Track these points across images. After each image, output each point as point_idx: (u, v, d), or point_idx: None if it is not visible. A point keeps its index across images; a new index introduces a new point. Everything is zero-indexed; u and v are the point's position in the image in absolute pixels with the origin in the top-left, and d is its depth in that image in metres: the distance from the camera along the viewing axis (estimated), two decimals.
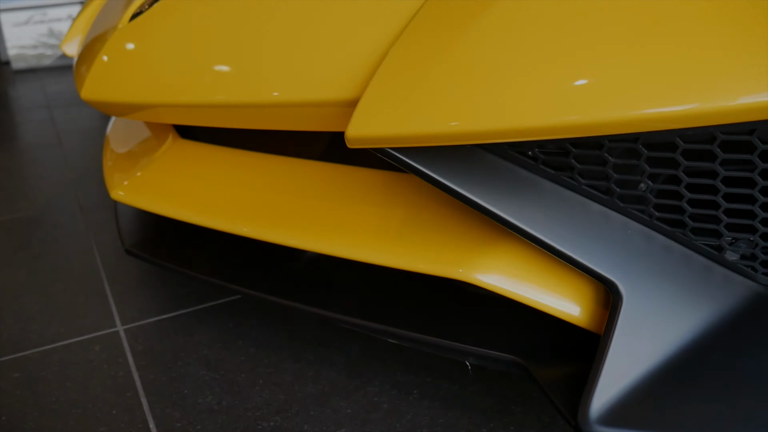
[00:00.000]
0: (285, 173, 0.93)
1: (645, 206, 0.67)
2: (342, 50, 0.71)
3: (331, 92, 0.70)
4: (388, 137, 0.62)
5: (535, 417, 0.86)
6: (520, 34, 0.61)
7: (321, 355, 0.99)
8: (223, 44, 0.82)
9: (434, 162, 0.65)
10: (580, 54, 0.58)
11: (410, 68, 0.64)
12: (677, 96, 0.53)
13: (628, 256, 0.68)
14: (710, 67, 0.53)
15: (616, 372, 0.64)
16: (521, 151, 0.67)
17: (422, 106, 0.61)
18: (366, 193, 0.82)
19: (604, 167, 0.65)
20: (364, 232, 0.77)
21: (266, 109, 0.78)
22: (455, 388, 0.91)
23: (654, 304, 0.67)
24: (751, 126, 0.57)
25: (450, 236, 0.73)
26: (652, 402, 0.64)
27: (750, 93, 0.53)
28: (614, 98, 0.55)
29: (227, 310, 1.12)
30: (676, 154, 0.61)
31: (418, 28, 0.67)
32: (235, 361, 0.99)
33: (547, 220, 0.66)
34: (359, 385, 0.92)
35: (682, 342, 0.66)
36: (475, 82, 0.60)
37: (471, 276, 0.70)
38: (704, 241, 0.68)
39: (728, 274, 0.70)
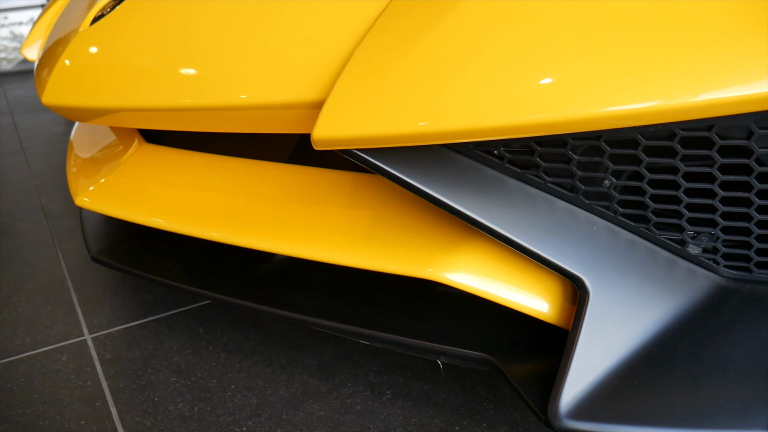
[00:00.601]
0: (252, 176, 0.92)
1: (609, 203, 0.68)
2: (307, 51, 0.71)
3: (296, 94, 0.70)
4: (354, 138, 0.62)
5: (507, 413, 0.86)
6: (483, 34, 0.61)
7: (293, 358, 0.99)
8: (188, 47, 0.81)
9: (401, 162, 0.66)
10: (542, 54, 0.59)
11: (375, 69, 0.64)
12: (637, 94, 0.54)
13: (594, 251, 0.69)
14: (668, 65, 0.54)
15: (584, 366, 0.65)
16: (487, 150, 0.67)
17: (388, 106, 0.61)
18: (334, 194, 0.82)
19: (568, 165, 0.66)
20: (333, 233, 0.77)
21: (232, 112, 0.77)
22: (428, 387, 0.91)
23: (620, 298, 0.68)
24: (709, 122, 0.59)
25: (418, 236, 0.73)
26: (621, 394, 0.65)
27: (707, 90, 0.54)
28: (576, 97, 0.56)
29: (197, 315, 1.10)
30: (638, 150, 0.62)
31: (382, 29, 0.67)
32: (206, 366, 0.98)
33: (513, 218, 0.67)
34: (332, 388, 0.92)
35: (649, 334, 0.68)
36: (439, 83, 0.61)
37: (440, 275, 0.70)
38: (667, 235, 0.69)
39: (691, 268, 0.71)
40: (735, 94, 0.53)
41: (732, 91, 0.53)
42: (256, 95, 0.74)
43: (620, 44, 0.56)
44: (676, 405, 0.63)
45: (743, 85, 0.53)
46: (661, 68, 0.54)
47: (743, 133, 0.59)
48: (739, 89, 0.53)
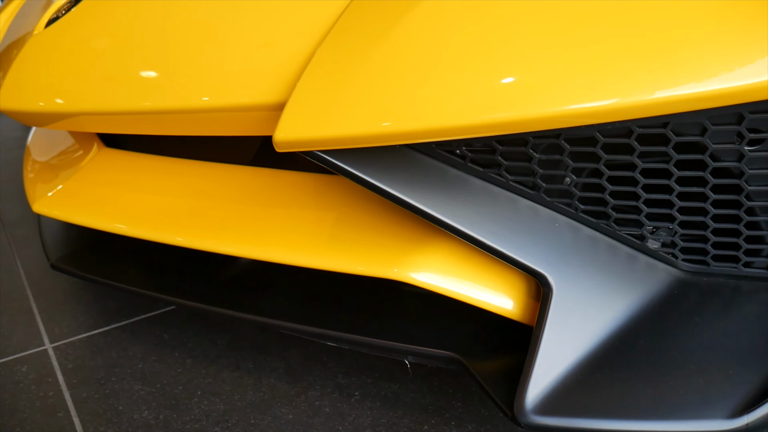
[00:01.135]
0: (215, 180, 0.91)
1: (571, 200, 0.69)
2: (267, 53, 0.70)
3: (257, 96, 0.69)
4: (316, 140, 0.62)
5: (475, 411, 0.87)
6: (444, 35, 0.62)
7: (260, 362, 0.98)
8: (147, 49, 0.80)
9: (364, 163, 0.65)
10: (501, 54, 0.59)
11: (336, 70, 0.64)
12: (593, 92, 0.55)
13: (556, 248, 0.69)
14: (623, 64, 0.55)
15: (549, 362, 0.66)
16: (449, 149, 0.68)
17: (349, 107, 0.61)
18: (298, 196, 0.81)
19: (529, 163, 0.67)
20: (297, 236, 0.77)
21: (192, 114, 0.76)
22: (396, 387, 0.92)
23: (583, 293, 0.69)
24: (664, 119, 0.60)
25: (383, 237, 0.74)
26: (585, 388, 0.65)
27: (662, 88, 0.55)
28: (535, 96, 0.56)
29: (161, 321, 1.09)
30: (597, 148, 0.63)
31: (343, 30, 0.67)
32: (171, 373, 0.96)
33: (477, 216, 0.67)
34: (300, 390, 0.92)
35: (611, 328, 0.69)
36: (400, 83, 0.61)
37: (406, 275, 0.70)
38: (627, 231, 0.71)
39: (651, 262, 0.72)
40: (688, 92, 0.54)
41: (685, 89, 0.54)
42: (216, 98, 0.73)
43: (576, 44, 0.57)
44: (639, 397, 0.64)
45: (696, 82, 0.55)
46: (617, 67, 0.55)
47: (697, 129, 0.61)
48: (692, 87, 0.54)
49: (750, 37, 0.55)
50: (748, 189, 0.64)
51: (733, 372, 0.65)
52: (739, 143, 0.61)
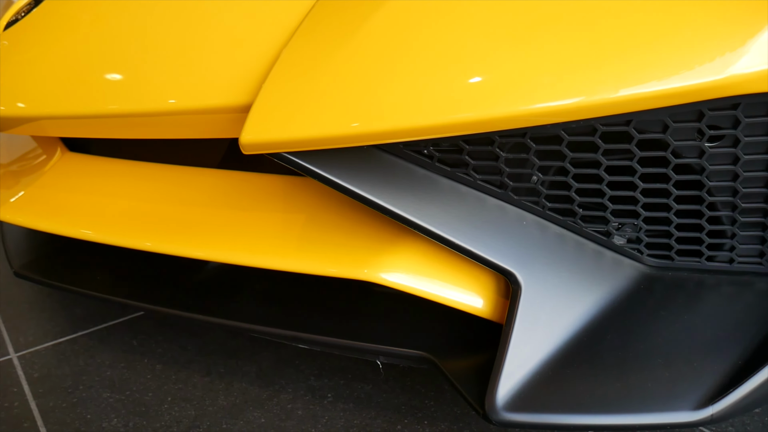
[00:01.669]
0: (182, 183, 0.90)
1: (538, 198, 0.70)
2: (233, 54, 0.70)
3: (223, 98, 0.68)
4: (283, 141, 0.62)
5: (448, 409, 0.87)
6: (410, 35, 0.62)
7: (232, 366, 0.97)
8: (110, 51, 0.78)
9: (332, 164, 0.65)
10: (467, 54, 0.59)
11: (302, 71, 0.64)
12: (557, 91, 0.56)
13: (524, 246, 0.70)
14: (586, 63, 0.56)
15: (519, 359, 0.67)
16: (417, 149, 0.68)
17: (316, 108, 0.61)
18: (267, 199, 0.81)
19: (496, 162, 0.67)
20: (267, 238, 0.76)
21: (158, 118, 0.75)
22: (369, 388, 0.92)
23: (551, 290, 0.70)
24: (627, 117, 0.61)
25: (353, 238, 0.73)
26: (554, 384, 0.66)
27: (624, 86, 0.56)
28: (500, 96, 0.57)
29: (130, 328, 1.07)
30: (562, 146, 0.64)
31: (308, 30, 0.67)
32: (141, 380, 0.95)
33: (445, 216, 0.68)
34: (272, 394, 0.91)
35: (579, 324, 0.70)
36: (367, 84, 0.61)
37: (376, 276, 0.70)
38: (594, 227, 0.72)
39: (617, 258, 0.73)
40: (650, 90, 0.55)
41: (647, 87, 0.55)
42: (182, 100, 0.72)
43: (540, 45, 0.58)
44: (607, 391, 0.65)
45: (657, 81, 0.56)
46: (580, 66, 0.56)
47: (659, 127, 0.62)
48: (653, 85, 0.55)
49: (708, 36, 0.56)
50: (709, 185, 0.65)
51: (698, 364, 0.66)
52: (700, 140, 0.62)
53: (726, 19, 0.56)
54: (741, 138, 0.62)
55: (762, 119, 0.60)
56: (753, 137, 0.62)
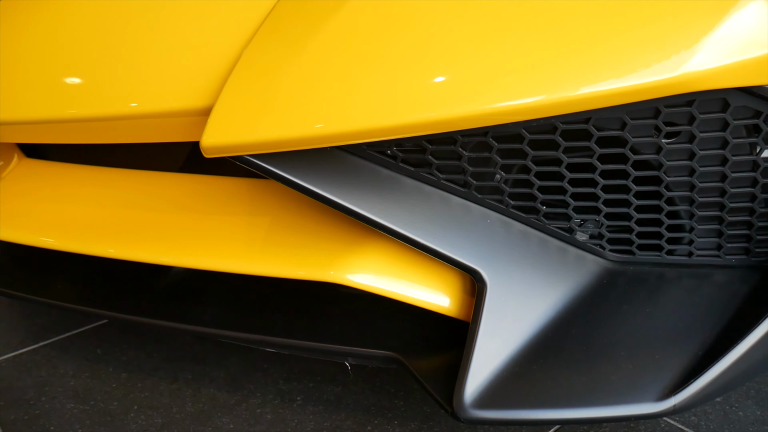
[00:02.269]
0: (144, 188, 0.89)
1: (501, 196, 0.71)
2: (193, 56, 0.69)
3: (183, 101, 0.67)
4: (244, 144, 0.61)
5: (418, 408, 0.87)
6: (371, 36, 0.62)
7: (199, 372, 0.96)
8: (68, 54, 0.77)
9: (295, 166, 0.65)
10: (429, 55, 0.60)
11: (264, 72, 0.63)
12: (516, 91, 0.57)
13: (489, 244, 0.71)
14: (544, 63, 0.57)
15: (486, 356, 0.67)
16: (380, 150, 0.68)
17: (278, 110, 0.61)
18: (230, 202, 0.80)
19: (459, 161, 0.68)
20: (231, 242, 0.76)
21: (116, 122, 0.74)
22: (338, 390, 0.91)
23: (516, 287, 0.70)
24: (586, 115, 0.62)
25: (318, 239, 0.73)
26: (521, 380, 0.67)
27: (582, 85, 0.57)
28: (461, 95, 0.57)
29: (94, 336, 1.05)
30: (524, 145, 0.65)
31: (270, 30, 0.66)
32: (105, 389, 0.93)
33: (410, 215, 0.68)
34: (241, 399, 0.90)
35: (545, 320, 0.70)
36: (329, 85, 0.61)
37: (342, 277, 0.70)
38: (556, 224, 0.73)
39: (580, 254, 0.75)
40: (607, 88, 0.56)
41: (604, 85, 0.56)
42: (141, 104, 0.71)
43: (500, 44, 0.58)
44: (573, 385, 0.66)
45: (614, 79, 0.57)
46: (538, 66, 0.57)
47: (617, 124, 0.63)
48: (611, 83, 0.56)
49: (663, 34, 0.57)
50: (667, 180, 0.67)
51: (660, 356, 0.67)
52: (657, 136, 0.64)
53: (680, 18, 0.58)
54: (696, 134, 0.63)
55: (716, 115, 0.62)
56: (708, 133, 0.63)
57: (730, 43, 0.57)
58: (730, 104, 0.61)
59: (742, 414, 0.85)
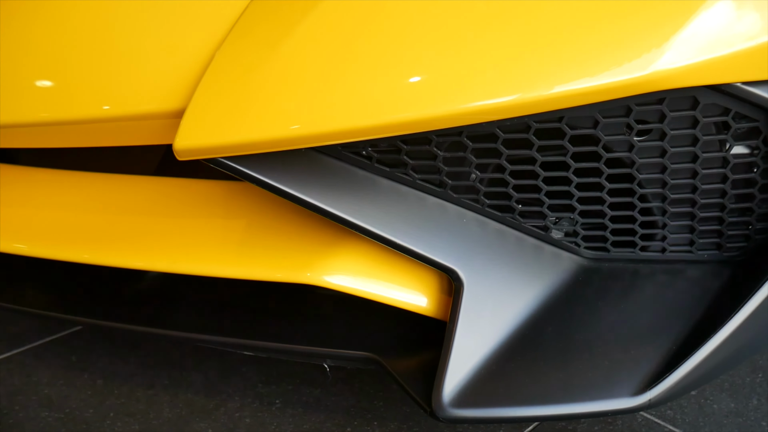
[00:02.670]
0: (118, 192, 0.88)
1: (477, 195, 0.71)
2: (165, 57, 0.68)
3: (155, 103, 0.67)
4: (218, 146, 0.61)
5: (397, 409, 0.88)
6: (345, 36, 0.62)
7: (176, 377, 0.95)
8: (36, 56, 0.76)
9: (269, 168, 0.65)
10: (404, 55, 0.60)
11: (237, 73, 0.63)
12: (490, 90, 0.57)
13: (465, 243, 0.71)
14: (517, 62, 0.57)
15: (463, 355, 0.67)
16: (355, 151, 0.68)
17: (251, 111, 0.60)
18: (205, 205, 0.79)
19: (435, 161, 0.68)
20: (207, 245, 0.75)
21: (88, 125, 0.73)
22: (317, 392, 0.91)
23: (493, 286, 0.71)
24: (559, 114, 0.62)
25: (295, 241, 0.73)
26: (499, 378, 0.67)
27: (555, 84, 0.57)
28: (434, 95, 0.58)
29: (68, 343, 1.04)
30: (498, 144, 0.65)
31: (243, 31, 0.66)
32: (81, 396, 0.92)
33: (386, 216, 0.68)
34: (219, 403, 0.90)
35: (521, 318, 0.71)
36: (303, 86, 0.60)
37: (319, 279, 0.70)
38: (532, 223, 0.73)
39: (556, 251, 0.75)
40: (579, 87, 0.57)
41: (576, 84, 0.57)
42: (114, 107, 0.70)
43: (473, 44, 0.59)
44: (550, 382, 0.67)
45: (586, 78, 0.57)
46: (511, 65, 0.57)
47: (590, 122, 0.64)
48: (583, 82, 0.57)
49: (633, 34, 0.58)
50: (639, 177, 0.67)
51: (636, 351, 0.68)
52: (629, 134, 0.64)
53: (649, 17, 0.58)
54: (667, 131, 0.64)
55: (686, 113, 0.63)
56: (678, 130, 0.64)
57: (699, 41, 0.58)
58: (699, 102, 0.62)
59: (717, 407, 0.86)
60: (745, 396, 0.87)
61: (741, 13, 0.59)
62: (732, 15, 0.59)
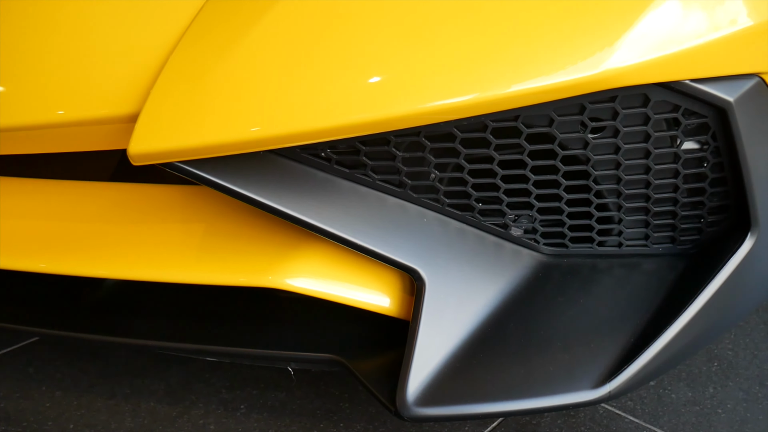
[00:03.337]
0: (74, 199, 0.86)
1: (437, 195, 0.71)
2: (116, 60, 0.67)
3: (109, 107, 0.65)
4: (174, 150, 0.60)
5: (363, 410, 0.87)
6: (301, 37, 0.62)
7: (138, 386, 0.93)
8: None
9: (227, 172, 0.64)
10: (360, 56, 0.60)
11: (191, 76, 0.62)
12: (446, 90, 0.57)
13: (427, 243, 0.71)
14: (472, 62, 0.58)
15: (427, 354, 0.68)
16: (314, 153, 0.68)
17: (207, 114, 0.60)
18: (163, 210, 0.78)
19: (394, 162, 0.68)
20: (165, 251, 0.74)
21: (40, 131, 0.71)
22: (282, 396, 0.90)
23: (455, 284, 0.71)
24: (515, 113, 0.63)
25: (255, 245, 0.72)
26: (462, 375, 0.68)
27: (509, 83, 0.58)
28: (392, 96, 0.58)
29: (24, 355, 1.01)
30: (456, 143, 0.66)
31: (198, 32, 0.65)
32: (39, 409, 0.90)
33: (347, 217, 0.68)
34: (182, 411, 0.88)
35: (483, 315, 0.72)
36: (259, 88, 0.60)
37: (281, 282, 0.70)
38: (491, 221, 0.74)
39: (516, 249, 0.76)
40: (532, 86, 0.58)
41: (530, 83, 0.58)
42: (67, 112, 0.69)
43: (428, 45, 0.59)
44: (512, 378, 0.68)
45: (539, 77, 0.58)
46: (466, 65, 0.58)
47: (545, 121, 0.65)
48: (536, 81, 0.58)
49: (584, 33, 0.59)
50: (594, 174, 0.69)
51: (595, 345, 0.69)
52: (583, 132, 0.65)
53: (600, 16, 0.60)
54: (620, 128, 0.65)
55: (637, 110, 0.64)
56: (631, 127, 0.65)
57: (648, 40, 0.59)
58: (650, 99, 0.63)
59: (675, 396, 0.88)
60: (702, 385, 0.89)
61: (688, 13, 0.61)
62: (679, 15, 0.60)
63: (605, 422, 0.84)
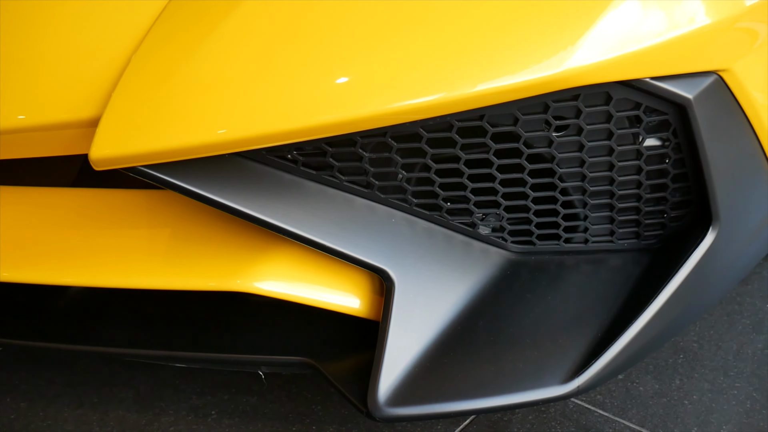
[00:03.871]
0: (36, 205, 0.84)
1: (404, 195, 0.71)
2: (76, 62, 0.66)
3: (69, 112, 0.64)
4: (137, 155, 0.59)
5: (336, 412, 0.87)
6: (264, 39, 0.61)
7: (106, 394, 0.92)
8: None
9: (192, 175, 0.63)
10: (325, 57, 0.60)
11: (153, 79, 0.61)
12: (410, 91, 0.58)
13: (395, 243, 0.71)
14: (436, 63, 0.58)
15: (397, 354, 0.68)
16: (280, 155, 0.68)
17: (170, 117, 0.59)
18: (127, 215, 0.77)
19: (360, 163, 0.68)
20: (131, 256, 0.73)
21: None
22: (254, 400, 0.90)
23: (424, 284, 0.72)
24: (480, 112, 0.63)
25: (223, 249, 0.72)
26: (433, 374, 0.68)
27: (473, 83, 0.58)
28: (357, 97, 0.58)
29: None
30: (422, 143, 0.66)
31: (160, 34, 0.64)
32: (3, 421, 0.88)
33: (314, 219, 0.68)
34: (152, 418, 0.87)
35: (453, 314, 0.72)
36: (223, 91, 0.59)
37: (249, 285, 0.69)
38: (459, 220, 0.74)
39: (484, 247, 0.77)
40: (496, 85, 0.58)
41: (493, 83, 0.58)
42: (26, 117, 0.67)
43: (393, 46, 0.59)
44: (482, 376, 0.68)
45: (502, 77, 0.58)
46: (430, 66, 0.58)
47: (510, 120, 0.65)
48: (499, 81, 0.58)
49: (546, 33, 0.60)
50: (559, 171, 0.69)
51: (563, 340, 0.70)
52: (548, 130, 0.66)
53: (562, 16, 0.60)
54: (583, 126, 0.66)
55: (600, 108, 0.65)
56: (594, 125, 0.66)
57: (609, 39, 0.60)
58: (612, 97, 0.64)
59: (643, 389, 0.89)
60: (669, 377, 0.91)
61: (648, 12, 0.62)
62: (639, 14, 0.62)
63: (575, 416, 0.85)
